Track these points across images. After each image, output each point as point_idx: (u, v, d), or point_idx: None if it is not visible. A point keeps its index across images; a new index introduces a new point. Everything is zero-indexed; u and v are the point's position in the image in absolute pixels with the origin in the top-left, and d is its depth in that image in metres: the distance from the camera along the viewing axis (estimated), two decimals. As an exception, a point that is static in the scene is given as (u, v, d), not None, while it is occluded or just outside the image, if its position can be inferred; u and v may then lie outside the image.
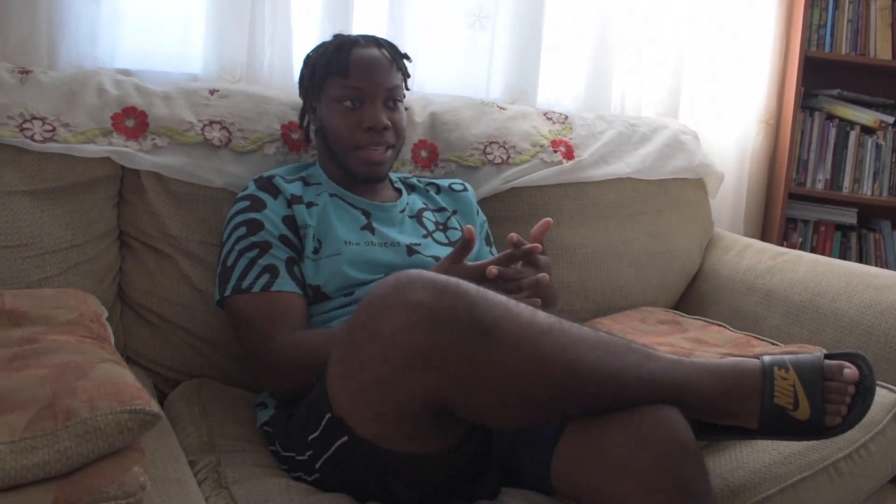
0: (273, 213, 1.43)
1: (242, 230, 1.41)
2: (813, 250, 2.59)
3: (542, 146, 1.89)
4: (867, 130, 2.57)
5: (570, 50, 2.22)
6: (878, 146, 2.56)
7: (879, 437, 1.34)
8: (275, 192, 1.46)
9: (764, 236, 2.53)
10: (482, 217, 1.70)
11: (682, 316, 1.80)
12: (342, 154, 1.50)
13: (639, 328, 1.66)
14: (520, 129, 1.89)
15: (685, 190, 2.07)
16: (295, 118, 1.68)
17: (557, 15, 2.18)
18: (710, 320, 1.77)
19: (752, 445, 1.29)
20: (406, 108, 1.61)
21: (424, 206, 1.62)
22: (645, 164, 1.99)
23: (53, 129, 1.46)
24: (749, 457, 1.27)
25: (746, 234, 2.42)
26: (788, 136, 2.47)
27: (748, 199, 2.50)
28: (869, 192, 2.57)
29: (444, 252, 1.53)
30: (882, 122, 2.55)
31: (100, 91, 1.55)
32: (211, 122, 1.60)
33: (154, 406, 0.97)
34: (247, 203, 1.45)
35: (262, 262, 1.38)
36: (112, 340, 1.22)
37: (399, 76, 1.53)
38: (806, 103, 2.61)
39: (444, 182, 1.69)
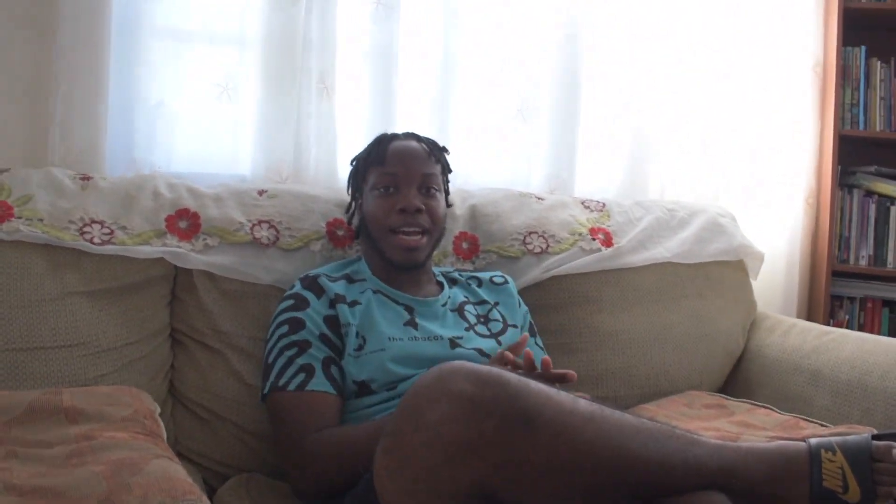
0: (315, 312, 1.48)
1: (285, 328, 1.47)
2: (861, 328, 2.56)
3: (580, 234, 1.92)
4: (907, 205, 2.57)
5: (607, 139, 2.27)
6: (919, 220, 2.55)
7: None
8: (319, 291, 1.51)
9: (810, 315, 2.51)
10: (524, 308, 1.73)
11: (728, 399, 1.78)
12: (380, 239, 1.56)
13: (684, 413, 1.65)
14: (558, 219, 1.93)
15: (725, 272, 2.08)
16: (339, 215, 1.74)
17: (594, 106, 2.24)
18: (756, 403, 1.75)
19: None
20: (450, 205, 1.71)
21: (466, 299, 1.66)
22: (684, 248, 2.01)
23: (111, 232, 1.54)
24: (802, 544, 1.24)
25: (792, 315, 2.40)
26: (828, 213, 2.48)
27: (794, 279, 2.49)
28: (914, 267, 2.55)
29: (487, 344, 1.55)
30: (921, 196, 2.55)
31: (155, 195, 1.63)
32: (259, 222, 1.67)
33: (205, 501, 0.99)
34: (291, 302, 1.50)
35: (300, 360, 1.43)
36: (165, 436, 1.26)
37: (437, 167, 1.61)
38: (844, 181, 2.62)
39: (485, 275, 1.74)
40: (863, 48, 2.55)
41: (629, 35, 2.25)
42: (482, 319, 1.63)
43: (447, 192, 1.70)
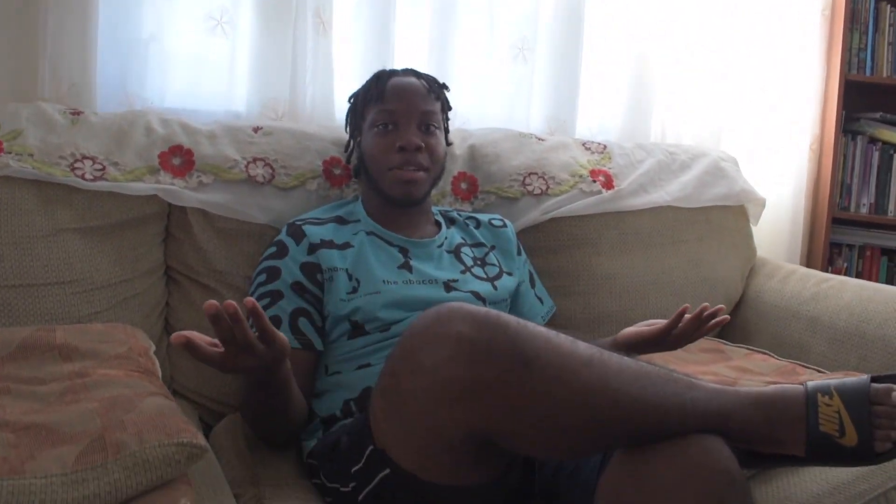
0: (292, 259, 1.46)
1: (263, 277, 1.46)
2: (859, 275, 2.55)
3: (581, 176, 1.89)
4: (911, 153, 2.54)
5: (608, 80, 2.23)
6: (923, 169, 2.53)
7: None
8: (299, 236, 1.48)
9: (809, 262, 2.50)
10: (523, 257, 1.72)
11: (725, 344, 1.78)
12: (378, 176, 1.52)
13: (681, 357, 1.64)
14: (559, 160, 1.91)
15: (726, 217, 2.06)
16: (336, 154, 1.72)
17: (596, 46, 2.19)
18: (754, 348, 1.75)
19: (801, 475, 1.27)
20: (450, 144, 1.66)
21: (463, 240, 1.63)
22: (685, 192, 1.98)
23: (103, 168, 1.51)
24: (797, 487, 1.25)
25: (791, 261, 2.39)
26: (831, 160, 2.46)
27: (794, 225, 2.48)
28: (915, 216, 2.53)
29: (482, 287, 1.53)
30: (927, 144, 2.52)
31: (147, 130, 1.60)
32: (255, 160, 1.64)
33: (201, 439, 0.99)
34: (273, 249, 1.49)
35: (270, 312, 1.40)
36: (160, 374, 1.25)
37: (436, 104, 1.57)
38: (848, 127, 2.58)
39: (485, 217, 1.71)
40: (873, -9, 2.50)
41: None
42: (478, 262, 1.60)
43: (447, 131, 1.66)
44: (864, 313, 1.72)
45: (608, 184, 1.91)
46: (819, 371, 1.55)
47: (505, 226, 1.71)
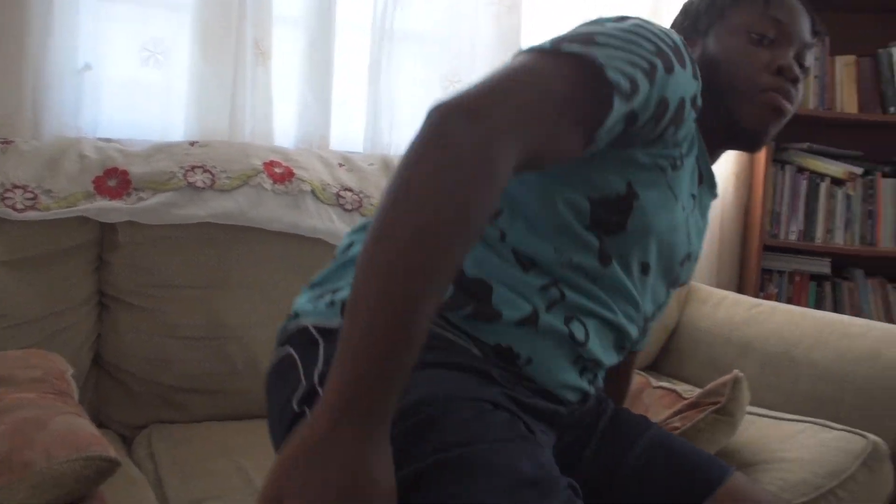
0: (682, 84, 0.94)
1: (649, 45, 0.90)
2: (789, 301, 2.62)
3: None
4: (837, 182, 2.63)
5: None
6: (848, 197, 2.62)
7: (850, 482, 1.35)
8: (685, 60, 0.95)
9: (741, 288, 2.56)
10: None
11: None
12: (737, 94, 1.10)
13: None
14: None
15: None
16: (276, 158, 1.69)
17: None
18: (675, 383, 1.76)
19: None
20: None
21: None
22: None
23: (35, 197, 1.48)
24: None
25: (724, 287, 2.45)
26: (761, 188, 2.53)
27: (725, 252, 2.54)
28: (841, 242, 2.62)
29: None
30: (851, 173, 2.61)
31: (81, 157, 1.57)
32: (192, 168, 1.60)
33: (111, 452, 0.95)
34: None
35: (642, 72, 0.87)
36: (76, 396, 1.21)
37: (813, 46, 1.18)
38: (777, 157, 2.67)
39: None
40: (797, 26, 2.59)
41: None
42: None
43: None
44: (793, 337, 1.77)
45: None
46: (690, 392, 1.55)
47: None
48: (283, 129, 1.91)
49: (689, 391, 1.53)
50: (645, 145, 0.96)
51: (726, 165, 2.50)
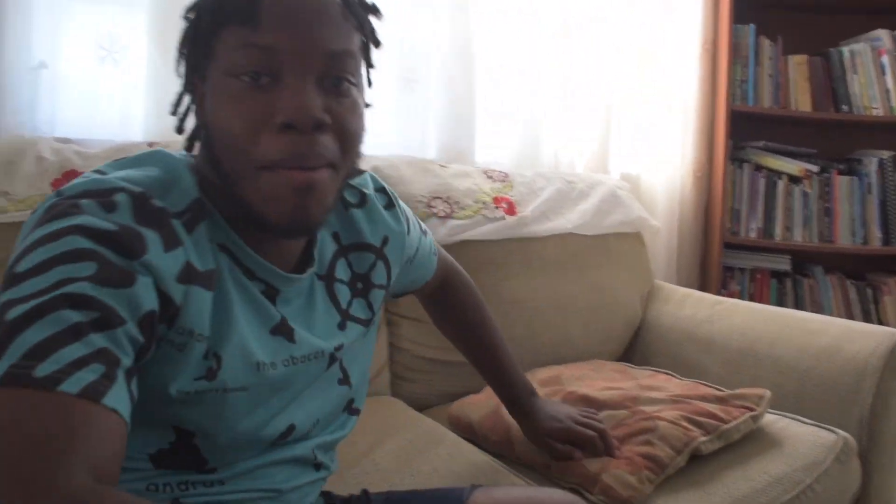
0: (155, 271, 0.73)
1: (74, 267, 0.68)
2: (751, 298, 2.66)
3: (484, 202, 1.92)
4: (794, 179, 2.67)
5: (503, 111, 2.27)
6: (805, 194, 2.66)
7: (824, 477, 1.38)
8: (171, 237, 0.76)
9: (703, 286, 2.59)
10: (414, 226, 1.13)
11: (630, 367, 1.82)
12: (238, 178, 0.78)
13: (590, 375, 1.67)
14: (462, 186, 1.92)
15: (624, 243, 2.12)
16: None
17: (488, 76, 2.23)
18: (658, 369, 1.79)
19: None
20: (367, 105, 0.88)
21: (337, 249, 0.98)
22: (584, 220, 2.04)
23: (-10, 199, 1.44)
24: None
25: (686, 285, 2.48)
26: (720, 187, 2.56)
27: (686, 250, 2.58)
28: (800, 239, 2.66)
29: (364, 340, 1.00)
30: (807, 171, 2.65)
31: (38, 159, 1.53)
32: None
33: None
34: (101, 226, 0.71)
35: (100, 341, 0.66)
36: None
37: (354, 37, 0.83)
38: (735, 155, 2.71)
39: (368, 187, 1.04)
40: (752, 26, 2.63)
41: (519, 9, 2.25)
42: (359, 290, 1.00)
43: (369, 84, 0.91)
44: (755, 333, 1.79)
45: (511, 210, 1.94)
46: (718, 389, 1.60)
47: (394, 205, 1.06)
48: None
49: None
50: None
51: (683, 163, 2.53)
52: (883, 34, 2.61)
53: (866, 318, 2.65)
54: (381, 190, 1.06)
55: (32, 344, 0.63)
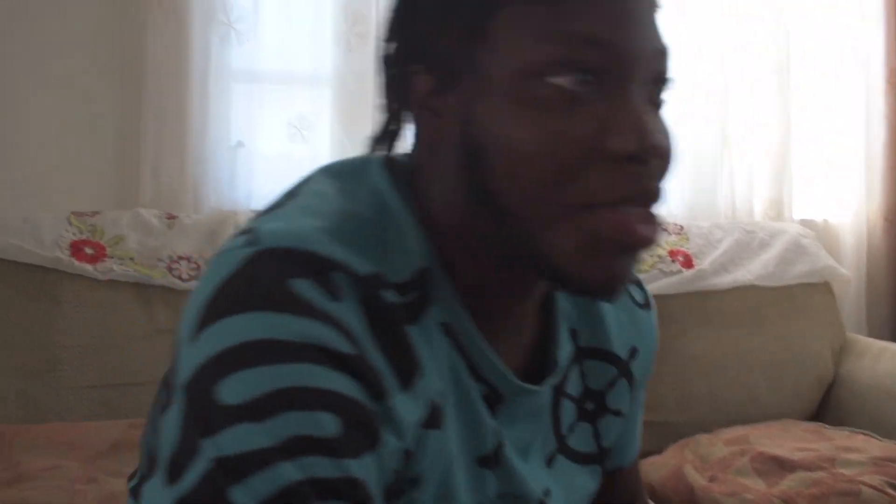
0: (398, 424, 0.50)
1: (316, 422, 0.46)
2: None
3: (660, 256, 1.90)
4: None
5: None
6: None
7: None
8: (406, 359, 0.52)
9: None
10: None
11: (825, 427, 1.73)
12: (538, 226, 0.52)
13: (780, 435, 1.60)
14: (635, 241, 1.91)
15: (811, 294, 2.03)
16: None
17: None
18: (855, 430, 1.69)
19: None
20: None
21: (574, 350, 0.68)
22: (767, 271, 1.97)
23: (198, 267, 1.59)
24: None
25: (879, 337, 2.32)
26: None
27: (878, 300, 2.41)
28: None
29: (581, 484, 0.69)
30: None
31: (237, 227, 1.66)
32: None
33: None
34: (345, 350, 0.47)
35: None
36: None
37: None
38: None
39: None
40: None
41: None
42: (587, 413, 0.70)
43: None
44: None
45: (688, 263, 1.91)
46: None
47: (648, 305, 0.78)
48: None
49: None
50: None
51: (870, 206, 2.38)
52: None
53: None
54: (636, 281, 0.76)
55: None
